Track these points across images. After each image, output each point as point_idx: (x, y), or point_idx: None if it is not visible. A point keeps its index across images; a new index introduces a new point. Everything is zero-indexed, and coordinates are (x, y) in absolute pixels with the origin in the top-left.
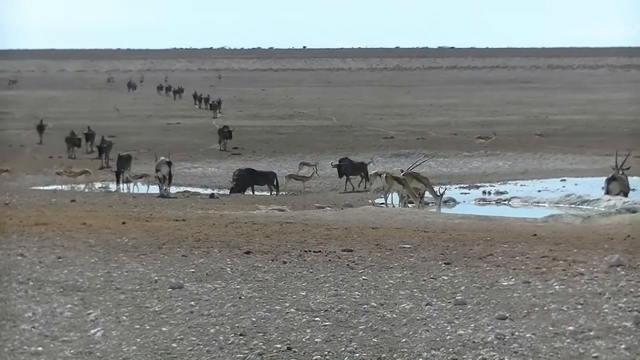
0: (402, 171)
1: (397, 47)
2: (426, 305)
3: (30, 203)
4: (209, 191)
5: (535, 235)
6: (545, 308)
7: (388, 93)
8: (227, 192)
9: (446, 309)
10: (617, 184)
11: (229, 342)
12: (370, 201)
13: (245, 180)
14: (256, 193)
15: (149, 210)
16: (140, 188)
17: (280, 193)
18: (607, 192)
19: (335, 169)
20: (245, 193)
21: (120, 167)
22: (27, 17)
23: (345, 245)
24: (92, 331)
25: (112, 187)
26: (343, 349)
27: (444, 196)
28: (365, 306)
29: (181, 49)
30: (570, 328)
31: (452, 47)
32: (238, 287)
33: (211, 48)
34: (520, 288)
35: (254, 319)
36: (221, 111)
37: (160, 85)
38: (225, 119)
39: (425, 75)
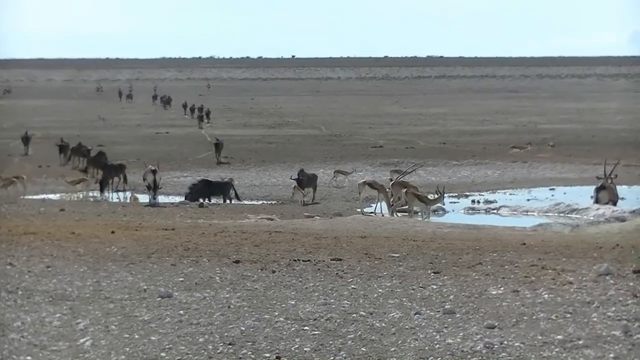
0: (391, 180)
1: (385, 57)
2: (415, 314)
3: (19, 212)
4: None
5: (524, 244)
6: (534, 317)
7: (377, 102)
8: (218, 201)
9: (435, 318)
10: (606, 193)
11: (218, 351)
12: (359, 210)
13: (199, 190)
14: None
15: (138, 220)
16: (83, 194)
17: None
18: (596, 201)
19: (295, 181)
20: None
21: (107, 177)
22: (15, 27)
23: (334, 254)
24: (81, 340)
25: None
26: (332, 358)
27: (434, 206)
28: (354, 315)
29: (170, 58)
30: (559, 337)
31: (441, 57)
32: (227, 296)
33: (200, 57)
34: (509, 297)
35: (243, 328)
36: (210, 121)
37: (155, 95)
38: (214, 128)
39: (414, 85)
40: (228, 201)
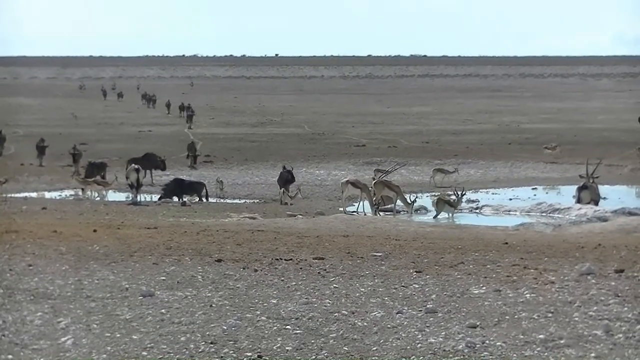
0: (374, 179)
1: (369, 55)
2: (397, 313)
3: (0, 210)
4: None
5: (506, 243)
6: (515, 316)
7: (360, 101)
8: (197, 199)
9: (417, 317)
10: (588, 193)
11: (200, 350)
12: (341, 209)
13: (172, 189)
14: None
15: (120, 218)
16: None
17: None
18: (578, 201)
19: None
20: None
21: (91, 175)
22: None
23: (316, 253)
24: (63, 339)
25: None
26: (314, 357)
27: (415, 204)
28: (336, 314)
29: (153, 56)
30: (541, 336)
31: (424, 56)
32: (209, 295)
33: (183, 55)
34: (491, 296)
35: (225, 327)
36: (193, 123)
37: (145, 94)
38: (198, 127)
39: (397, 84)
40: (204, 200)
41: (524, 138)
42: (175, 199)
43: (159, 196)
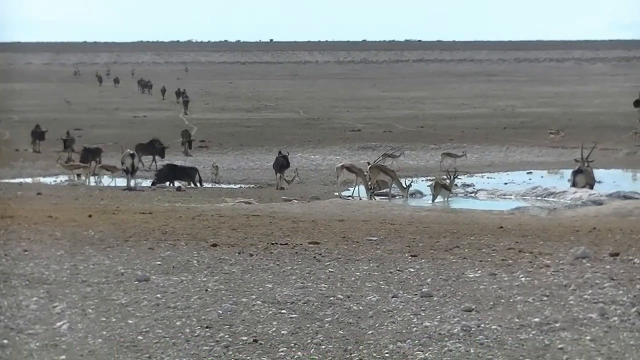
0: (369, 163)
1: (363, 40)
2: (392, 297)
3: None
4: (176, 184)
5: (502, 227)
6: (511, 300)
7: (355, 86)
8: (191, 184)
9: (412, 301)
10: (583, 177)
11: (195, 334)
12: (337, 194)
13: (165, 174)
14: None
15: (115, 203)
16: None
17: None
18: (573, 185)
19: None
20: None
21: (85, 160)
22: None
23: (311, 237)
24: (58, 324)
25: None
26: (309, 341)
27: (410, 188)
28: (331, 298)
29: (148, 41)
30: (536, 320)
31: (419, 40)
32: (204, 279)
33: (178, 41)
34: (486, 280)
35: (220, 312)
36: (188, 110)
37: (142, 80)
38: (193, 112)
39: (392, 69)
40: (198, 185)
41: (519, 122)
42: (169, 184)
43: (151, 182)
